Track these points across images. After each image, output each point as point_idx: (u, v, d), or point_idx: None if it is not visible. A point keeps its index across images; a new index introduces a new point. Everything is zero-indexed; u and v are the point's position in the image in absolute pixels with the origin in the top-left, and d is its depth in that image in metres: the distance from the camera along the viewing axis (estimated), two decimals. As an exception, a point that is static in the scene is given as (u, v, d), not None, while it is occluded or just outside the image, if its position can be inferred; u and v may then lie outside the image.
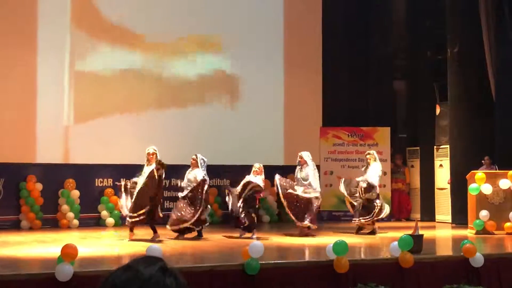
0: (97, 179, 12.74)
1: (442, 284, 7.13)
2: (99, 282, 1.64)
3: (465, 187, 11.64)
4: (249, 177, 10.45)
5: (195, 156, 10.29)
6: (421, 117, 14.86)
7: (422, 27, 14.79)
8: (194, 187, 10.04)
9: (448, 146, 13.78)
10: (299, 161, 10.94)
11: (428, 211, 14.43)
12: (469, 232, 11.27)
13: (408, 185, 14.97)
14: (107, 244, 9.44)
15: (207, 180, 10.12)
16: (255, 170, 10.45)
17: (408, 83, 15.59)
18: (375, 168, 11.17)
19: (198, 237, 10.09)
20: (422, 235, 8.22)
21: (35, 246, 9.08)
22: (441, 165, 14.37)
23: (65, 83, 12.68)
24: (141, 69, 13.25)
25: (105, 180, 12.78)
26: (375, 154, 11.40)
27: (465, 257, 7.59)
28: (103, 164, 12.70)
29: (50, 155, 12.32)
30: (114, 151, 12.71)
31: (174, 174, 12.04)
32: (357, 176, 11.52)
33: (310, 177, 10.71)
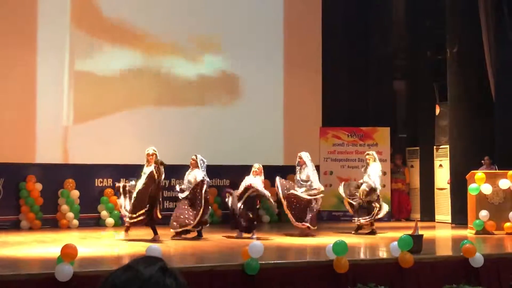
0: (96, 179, 12.74)
1: (442, 284, 7.13)
2: (99, 282, 1.64)
3: (465, 187, 11.65)
4: (248, 178, 10.44)
5: (195, 156, 10.28)
6: (421, 117, 14.86)
7: (422, 27, 14.79)
8: (193, 188, 10.04)
9: (448, 146, 13.78)
10: (298, 162, 10.95)
11: (428, 211, 14.43)
12: (468, 232, 11.27)
13: (408, 185, 14.97)
14: (107, 244, 9.43)
15: (206, 181, 10.11)
16: (254, 170, 10.45)
17: (408, 83, 15.59)
18: (375, 169, 11.16)
19: (198, 237, 10.09)
20: (421, 235, 8.22)
21: (34, 246, 9.07)
22: (440, 165, 14.37)
23: (64, 83, 12.68)
24: (141, 69, 13.25)
25: (105, 180, 12.78)
26: (374, 154, 11.39)
27: (465, 257, 7.59)
28: (102, 164, 12.70)
29: (49, 155, 12.32)
30: (114, 151, 12.71)
31: (173, 174, 12.05)
32: (357, 176, 11.52)
33: (311, 177, 10.71)
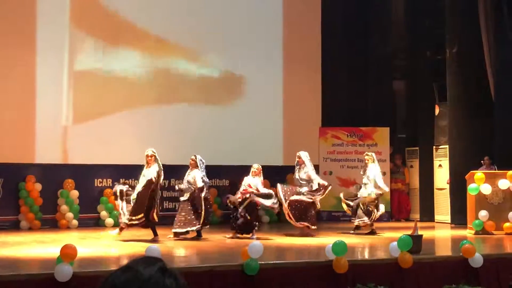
0: (96, 179, 12.73)
1: (442, 284, 7.14)
2: (98, 282, 1.64)
3: (464, 187, 11.65)
4: (247, 178, 10.45)
5: (194, 156, 10.27)
6: (420, 117, 14.86)
7: (421, 27, 14.79)
8: (193, 191, 10.01)
9: (447, 146, 13.78)
10: (297, 161, 10.96)
11: (428, 211, 14.43)
12: (468, 232, 11.27)
13: (407, 185, 14.96)
14: (106, 245, 9.43)
15: (206, 185, 10.09)
16: (253, 171, 10.47)
17: (407, 83, 15.58)
18: (376, 172, 11.17)
19: (198, 238, 10.09)
20: (421, 236, 8.22)
21: (34, 247, 9.07)
22: (440, 165, 14.36)
23: (64, 83, 12.67)
24: (140, 69, 13.24)
25: (105, 180, 12.77)
26: (373, 155, 11.41)
27: (464, 257, 7.59)
28: (102, 164, 12.69)
29: (49, 155, 12.31)
30: (113, 151, 12.71)
31: (173, 175, 12.05)
32: (356, 176, 11.52)
33: (312, 176, 10.73)
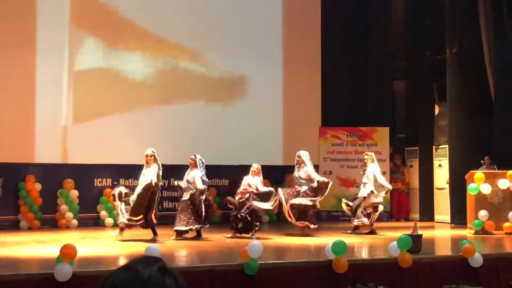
0: (96, 179, 12.73)
1: (441, 284, 7.14)
2: (98, 282, 1.64)
3: (464, 187, 11.65)
4: (247, 177, 10.46)
5: (194, 156, 10.27)
6: (420, 117, 14.86)
7: (421, 27, 14.79)
8: (194, 192, 9.99)
9: (447, 146, 13.78)
10: (297, 161, 10.97)
11: (427, 211, 14.43)
12: (468, 232, 11.27)
13: (407, 185, 14.97)
14: (106, 244, 9.42)
15: (205, 184, 10.09)
16: (253, 170, 10.49)
17: (407, 83, 15.58)
18: (375, 170, 11.17)
19: (198, 237, 10.09)
20: (421, 235, 8.22)
21: (34, 246, 9.07)
22: (440, 165, 14.37)
23: (64, 83, 12.67)
24: (140, 68, 13.24)
25: (104, 180, 12.77)
26: (372, 155, 11.43)
27: (464, 257, 7.59)
28: (102, 164, 12.68)
29: (49, 155, 12.31)
30: (113, 151, 12.70)
31: (173, 174, 12.03)
32: (356, 176, 11.53)
33: (312, 175, 10.74)
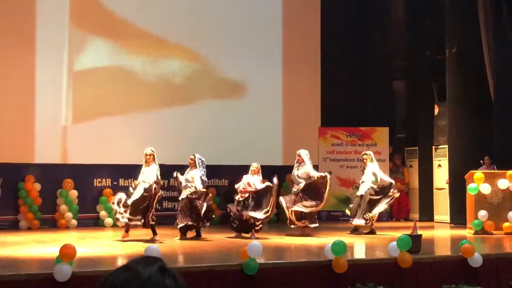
0: (95, 179, 12.72)
1: (441, 284, 7.14)
2: (97, 282, 1.64)
3: (463, 187, 11.65)
4: (246, 176, 10.47)
5: (193, 156, 10.25)
6: (419, 117, 14.87)
7: (421, 27, 14.79)
8: (194, 192, 9.98)
9: (447, 146, 13.78)
10: (297, 159, 10.97)
11: (427, 211, 14.43)
12: (467, 232, 11.27)
13: (407, 185, 14.96)
14: (105, 244, 9.42)
15: (205, 184, 10.09)
16: (252, 169, 10.50)
17: (407, 83, 15.58)
18: (375, 169, 11.18)
19: (197, 237, 10.09)
20: (420, 235, 8.22)
21: (33, 246, 9.06)
22: (439, 165, 14.37)
23: (63, 83, 12.67)
24: (140, 69, 13.23)
25: (104, 180, 12.76)
26: (371, 154, 11.44)
27: (464, 257, 7.59)
28: (101, 164, 12.68)
29: (48, 155, 12.31)
30: (113, 151, 12.70)
31: (173, 175, 12.01)
32: (356, 176, 11.54)
33: (311, 173, 10.75)
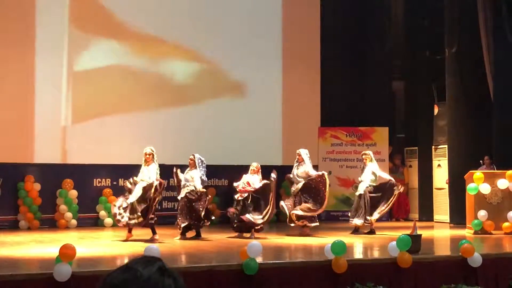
0: (95, 179, 12.73)
1: (440, 284, 7.14)
2: (97, 282, 1.64)
3: (463, 187, 11.65)
4: (246, 176, 10.48)
5: (193, 156, 10.24)
6: (419, 117, 14.87)
7: (420, 27, 14.78)
8: (193, 191, 9.98)
9: (446, 146, 13.79)
10: (297, 159, 10.98)
11: (427, 211, 14.43)
12: (467, 232, 11.27)
13: (406, 185, 14.95)
14: (105, 244, 9.43)
15: (204, 184, 10.10)
16: (252, 169, 10.51)
17: (406, 83, 15.58)
18: (375, 168, 11.19)
19: (197, 237, 10.09)
20: (420, 235, 8.22)
21: (33, 246, 9.07)
22: (439, 165, 14.37)
23: (63, 83, 12.68)
24: (139, 69, 13.23)
25: (103, 180, 12.76)
26: (371, 154, 11.45)
27: (463, 257, 7.59)
28: (101, 164, 12.69)
29: (48, 155, 12.31)
30: (112, 151, 12.70)
31: (172, 175, 12.01)
32: (355, 176, 11.54)
33: (310, 172, 10.75)
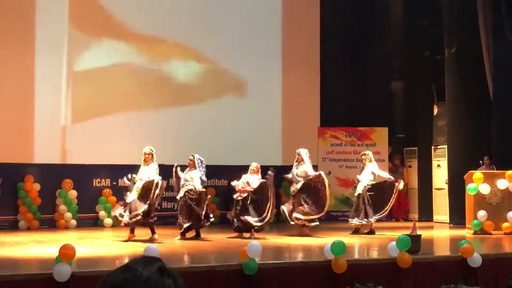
0: (94, 179, 12.73)
1: (440, 284, 7.14)
2: (97, 282, 1.64)
3: (463, 187, 11.64)
4: (246, 176, 10.48)
5: (192, 156, 10.24)
6: (419, 117, 14.87)
7: (420, 27, 14.78)
8: (193, 191, 9.98)
9: (446, 146, 13.79)
10: (297, 158, 10.99)
11: (426, 211, 14.44)
12: (467, 232, 11.27)
13: (406, 185, 14.94)
14: (105, 245, 9.43)
15: (204, 184, 10.10)
16: (252, 169, 10.51)
17: (406, 84, 15.58)
18: (374, 168, 11.20)
19: (197, 237, 10.09)
20: (420, 235, 8.22)
21: (33, 247, 9.06)
22: (439, 165, 14.37)
23: (63, 83, 12.68)
24: (139, 69, 13.24)
25: (103, 180, 12.77)
26: (370, 154, 11.45)
27: (463, 257, 7.59)
28: (100, 164, 12.69)
29: (47, 155, 12.31)
30: (112, 151, 12.70)
31: (172, 175, 12.01)
32: (355, 176, 11.54)
33: (309, 172, 10.75)
